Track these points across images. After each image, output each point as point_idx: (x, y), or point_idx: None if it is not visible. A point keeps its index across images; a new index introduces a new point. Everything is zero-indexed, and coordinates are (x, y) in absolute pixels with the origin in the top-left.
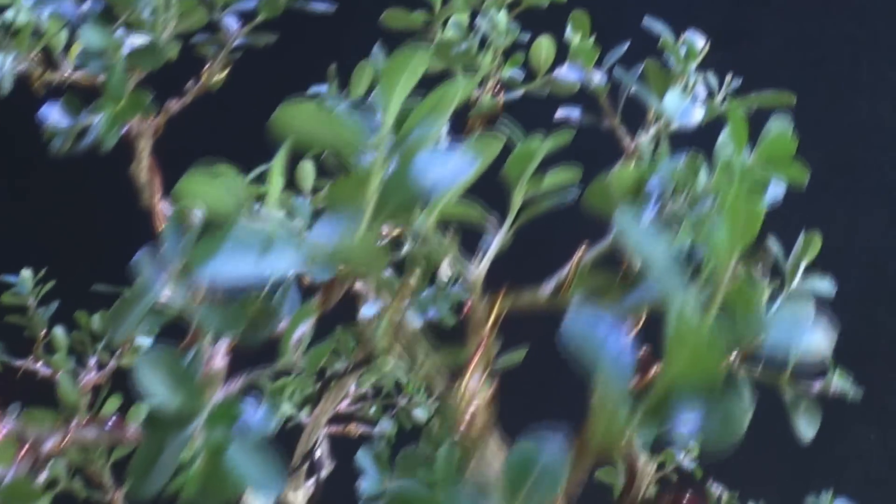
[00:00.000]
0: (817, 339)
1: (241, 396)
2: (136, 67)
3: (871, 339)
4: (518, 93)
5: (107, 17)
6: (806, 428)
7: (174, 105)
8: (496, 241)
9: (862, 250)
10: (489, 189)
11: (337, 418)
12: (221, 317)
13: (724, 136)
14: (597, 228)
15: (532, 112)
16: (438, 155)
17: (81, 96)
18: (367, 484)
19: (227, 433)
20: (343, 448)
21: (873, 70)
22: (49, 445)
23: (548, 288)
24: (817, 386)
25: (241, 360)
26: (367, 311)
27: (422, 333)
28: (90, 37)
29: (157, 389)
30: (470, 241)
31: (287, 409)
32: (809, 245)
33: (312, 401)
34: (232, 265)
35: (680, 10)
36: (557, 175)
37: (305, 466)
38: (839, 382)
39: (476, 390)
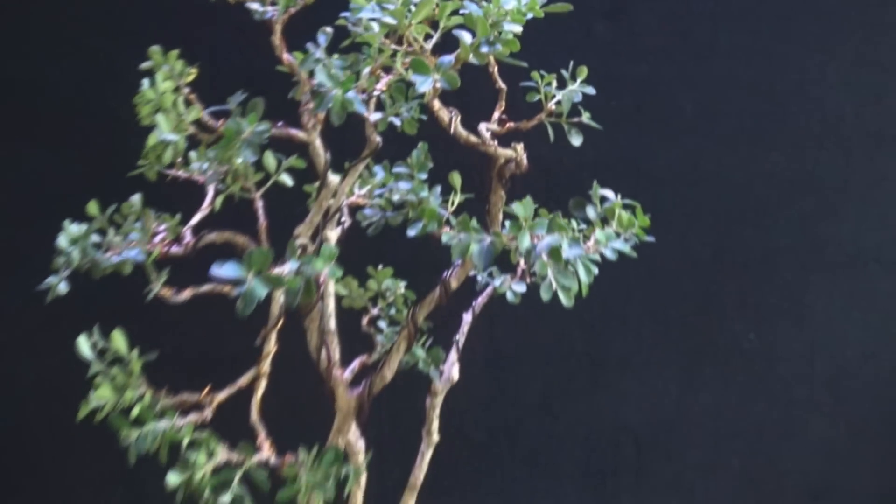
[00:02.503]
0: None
1: None
2: None
3: (743, 251)
4: None
5: None
6: (575, 140)
7: None
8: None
9: (728, 179)
10: None
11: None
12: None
13: None
14: None
15: None
16: None
17: None
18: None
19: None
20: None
21: (729, 38)
22: None
23: None
24: (577, 119)
25: None
26: (373, 117)
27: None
28: None
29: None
30: None
31: None
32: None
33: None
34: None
35: None
36: None
37: (337, 217)
38: (586, 118)
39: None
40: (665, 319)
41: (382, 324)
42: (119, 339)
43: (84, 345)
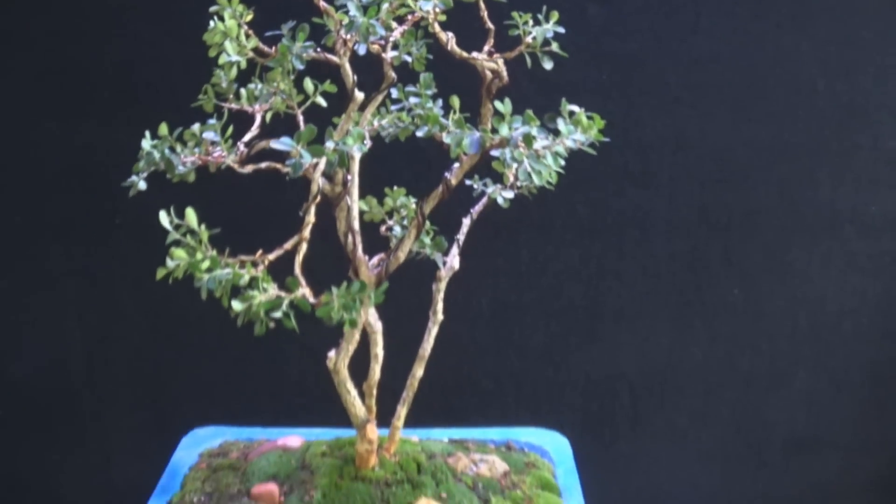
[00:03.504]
0: None
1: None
2: None
3: (727, 213)
4: None
5: None
6: (547, 65)
7: None
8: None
9: (711, 146)
10: None
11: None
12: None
13: None
14: None
15: None
16: None
17: None
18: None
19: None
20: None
21: (710, 18)
22: None
23: None
24: (548, 48)
25: None
26: (389, 56)
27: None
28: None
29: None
30: None
31: None
32: (550, 15)
33: None
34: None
35: None
36: None
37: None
38: (555, 47)
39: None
40: (656, 276)
41: (396, 228)
42: (191, 215)
43: (164, 219)
